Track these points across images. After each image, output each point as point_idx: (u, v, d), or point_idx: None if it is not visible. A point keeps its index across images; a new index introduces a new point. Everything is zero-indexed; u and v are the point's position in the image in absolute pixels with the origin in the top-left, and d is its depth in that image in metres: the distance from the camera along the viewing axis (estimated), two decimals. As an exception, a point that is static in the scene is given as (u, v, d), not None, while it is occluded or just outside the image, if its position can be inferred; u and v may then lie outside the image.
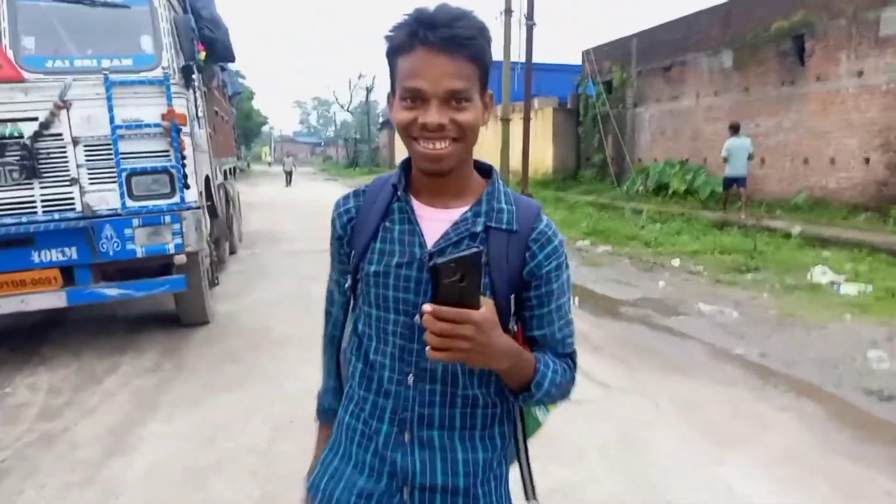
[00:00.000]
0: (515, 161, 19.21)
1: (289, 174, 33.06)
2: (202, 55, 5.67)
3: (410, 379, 1.19)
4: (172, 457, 3.57)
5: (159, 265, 5.50)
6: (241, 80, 14.02)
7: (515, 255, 1.16)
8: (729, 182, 12.01)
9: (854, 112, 11.15)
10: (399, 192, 1.21)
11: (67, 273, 5.09)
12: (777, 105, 12.90)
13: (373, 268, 1.19)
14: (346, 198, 1.31)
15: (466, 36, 1.08)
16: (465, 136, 1.11)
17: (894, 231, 9.73)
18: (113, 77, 4.92)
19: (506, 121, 18.34)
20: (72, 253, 5.02)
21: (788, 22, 12.44)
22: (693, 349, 5.31)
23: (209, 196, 6.43)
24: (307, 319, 6.23)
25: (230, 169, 10.94)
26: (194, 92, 5.92)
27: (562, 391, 1.20)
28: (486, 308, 1.00)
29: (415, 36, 1.08)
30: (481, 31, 1.11)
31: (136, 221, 5.08)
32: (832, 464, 3.33)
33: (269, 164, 62.28)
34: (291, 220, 15.92)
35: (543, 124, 21.48)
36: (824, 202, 11.79)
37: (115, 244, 5.05)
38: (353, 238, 1.25)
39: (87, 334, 5.97)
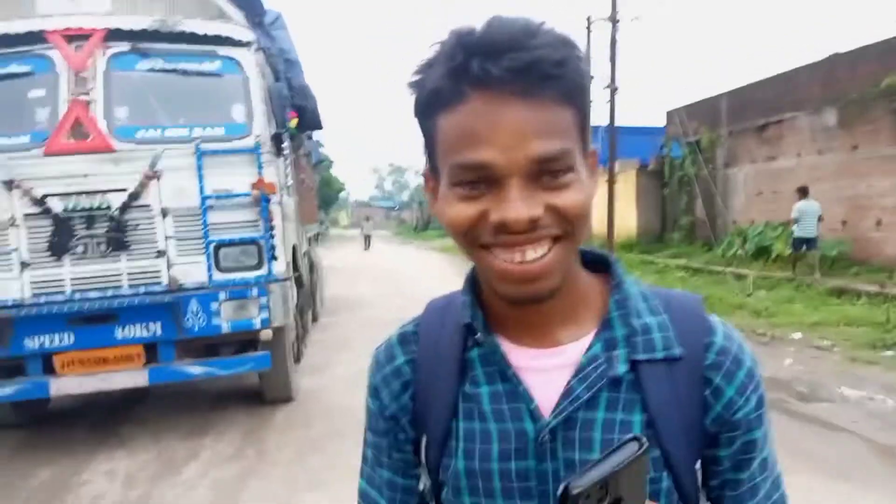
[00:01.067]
0: (598, 226, 18.60)
1: (367, 238, 32.53)
2: (293, 123, 5.50)
3: None
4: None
5: (244, 340, 5.18)
6: (320, 149, 14.20)
7: (688, 397, 0.72)
8: (799, 243, 11.96)
9: None
10: (479, 335, 0.76)
11: (150, 349, 4.82)
12: (892, 164, 11.84)
13: (462, 465, 0.75)
14: (388, 350, 0.84)
15: (553, 60, 0.63)
16: (574, 230, 0.67)
17: None
18: (204, 146, 4.74)
19: (588, 184, 17.88)
20: (156, 329, 4.76)
21: (901, 76, 11.53)
22: (852, 447, 4.46)
23: (295, 266, 6.15)
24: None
25: (314, 235, 10.84)
26: (284, 160, 5.72)
27: None
28: None
29: (463, 74, 0.64)
30: (571, 50, 0.66)
31: (222, 295, 4.80)
32: None
33: (346, 227, 63.74)
34: (368, 284, 15.72)
35: (626, 186, 20.84)
36: (957, 268, 10.55)
37: (201, 319, 4.76)
38: (418, 416, 0.80)
39: (168, 412, 5.68)
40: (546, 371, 0.74)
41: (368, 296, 13.40)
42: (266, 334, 4.95)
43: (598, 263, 0.80)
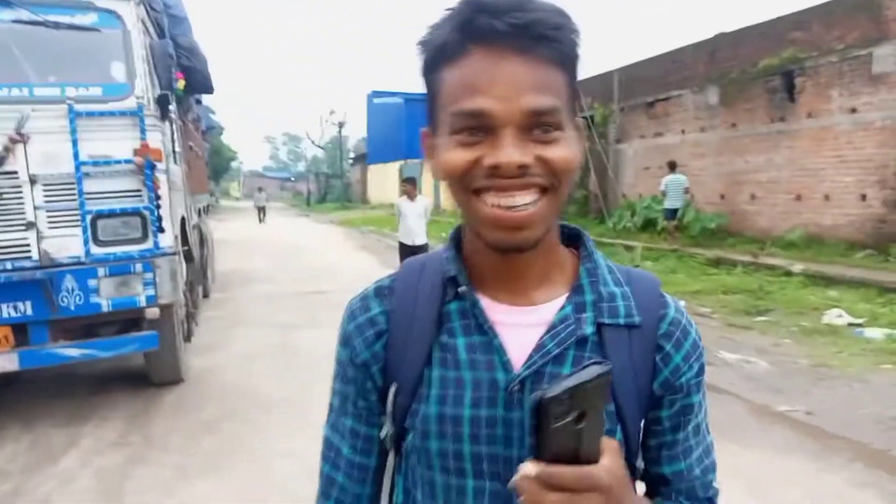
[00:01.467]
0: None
1: (261, 210, 30.73)
2: (181, 84, 5.10)
3: None
4: (144, 570, 2.88)
5: (127, 319, 4.82)
6: (211, 115, 13.43)
7: (642, 361, 0.80)
8: (670, 214, 13.35)
9: (848, 149, 10.98)
10: (461, 288, 0.81)
11: (21, 331, 4.39)
12: (767, 141, 12.73)
13: (434, 410, 0.79)
14: (363, 301, 0.87)
15: (551, 23, 0.70)
16: (560, 183, 0.72)
17: (898, 269, 9.44)
18: (78, 107, 4.31)
19: (487, 156, 18.07)
20: (26, 308, 4.34)
21: (777, 59, 12.34)
22: (732, 407, 4.77)
23: (185, 240, 5.78)
24: (292, 378, 5.58)
25: (204, 207, 10.28)
26: (171, 125, 5.32)
27: None
28: (610, 457, 0.64)
29: (469, 29, 0.70)
30: (567, 20, 0.72)
31: (101, 271, 4.42)
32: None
33: (237, 198, 61.38)
34: (264, 258, 15.21)
35: (523, 160, 21.25)
36: (819, 239, 11.53)
37: (78, 297, 4.38)
38: (390, 365, 0.83)
39: (42, 398, 5.22)
40: (519, 327, 0.79)
41: (265, 270, 12.95)
42: (152, 312, 4.63)
43: (570, 237, 0.87)
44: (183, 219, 5.69)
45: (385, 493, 0.88)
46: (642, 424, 0.81)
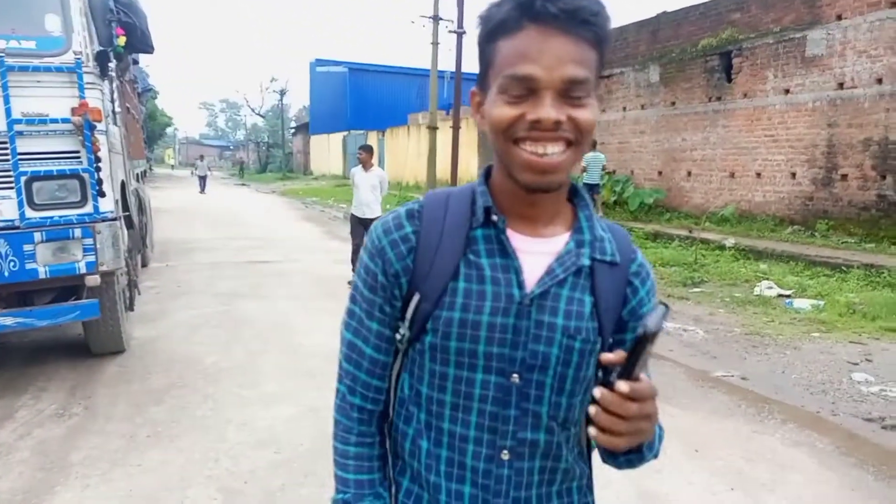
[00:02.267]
0: (441, 172, 18.85)
1: (202, 179, 28.35)
2: (121, 41, 4.85)
3: (505, 455, 0.97)
4: (94, 539, 2.81)
5: (65, 286, 4.63)
6: (146, 77, 12.83)
7: (617, 292, 1.00)
8: (588, 189, 13.43)
9: (780, 128, 11.44)
10: (494, 216, 0.97)
11: (-52, 298, 4.17)
12: (704, 120, 13.13)
13: (457, 315, 0.94)
14: (397, 220, 1.01)
15: (592, 11, 0.86)
16: (582, 140, 0.90)
17: (823, 244, 9.97)
18: (10, 61, 4.06)
19: (433, 129, 17.96)
20: (-46, 274, 4.10)
21: (716, 39, 12.68)
22: (671, 372, 4.98)
23: (125, 205, 5.56)
24: (238, 348, 5.50)
25: (142, 172, 9.90)
26: (110, 84, 5.08)
27: (656, 449, 1.04)
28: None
29: (526, 9, 0.86)
30: (604, 8, 0.89)
31: (38, 236, 4.22)
32: (874, 513, 3.02)
33: (173, 166, 59.19)
34: (204, 227, 14.81)
35: (468, 133, 21.24)
36: (751, 215, 12.04)
37: (12, 263, 4.17)
38: (416, 276, 0.97)
39: (-29, 369, 4.97)
40: (534, 254, 0.97)
41: (205, 240, 12.60)
42: (93, 280, 4.45)
43: (569, 191, 1.04)
44: (123, 183, 5.47)
45: (398, 391, 1.05)
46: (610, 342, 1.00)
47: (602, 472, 3.34)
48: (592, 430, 0.81)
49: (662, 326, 0.75)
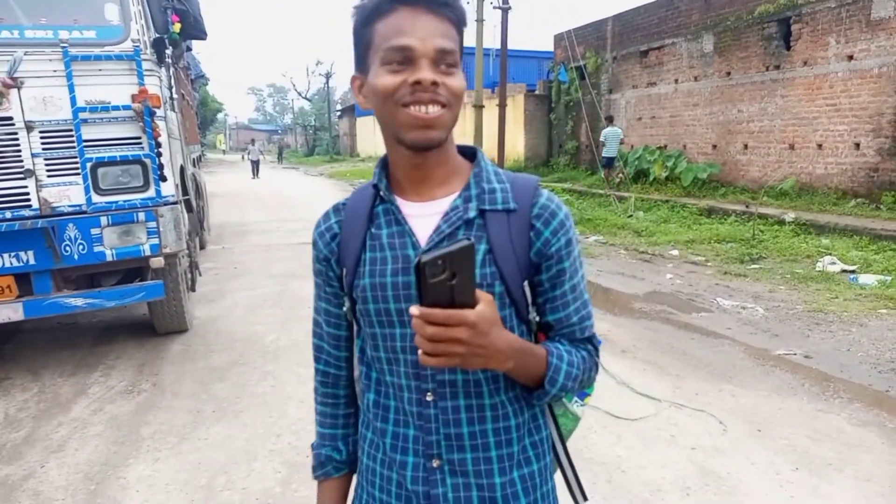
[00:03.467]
0: (488, 149, 18.72)
1: (255, 164, 27.58)
2: (176, 28, 4.94)
3: (429, 396, 1.07)
4: (167, 509, 2.94)
5: (131, 268, 4.80)
6: (198, 64, 13.08)
7: (519, 236, 1.06)
8: (608, 162, 15.06)
9: (843, 97, 10.93)
10: (382, 192, 1.10)
11: (24, 280, 4.36)
12: (761, 90, 12.65)
13: (367, 281, 1.07)
14: (325, 216, 1.19)
15: None
16: (454, 103, 1.01)
17: (889, 217, 9.54)
18: (73, 51, 4.18)
19: (479, 107, 17.82)
20: (28, 257, 4.29)
21: (774, 5, 12.16)
22: (731, 351, 4.87)
23: (184, 189, 5.71)
24: (296, 326, 5.61)
25: (197, 157, 10.14)
26: (167, 70, 5.20)
27: (582, 383, 1.10)
28: (484, 305, 0.89)
29: None
30: None
31: (104, 220, 4.38)
32: (950, 494, 2.90)
33: (224, 151, 60.42)
34: (256, 210, 15.12)
35: (514, 111, 21.02)
36: (811, 188, 11.60)
37: (81, 246, 4.34)
38: (341, 256, 1.13)
39: (46, 348, 5.23)
40: (424, 217, 1.06)
41: (258, 222, 12.88)
42: (157, 261, 4.60)
43: (470, 154, 1.14)
44: (182, 167, 5.61)
45: (356, 355, 1.21)
46: (526, 285, 1.06)
47: (663, 453, 3.33)
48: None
49: (442, 257, 0.82)
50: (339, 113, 56.58)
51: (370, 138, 41.28)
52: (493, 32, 17.65)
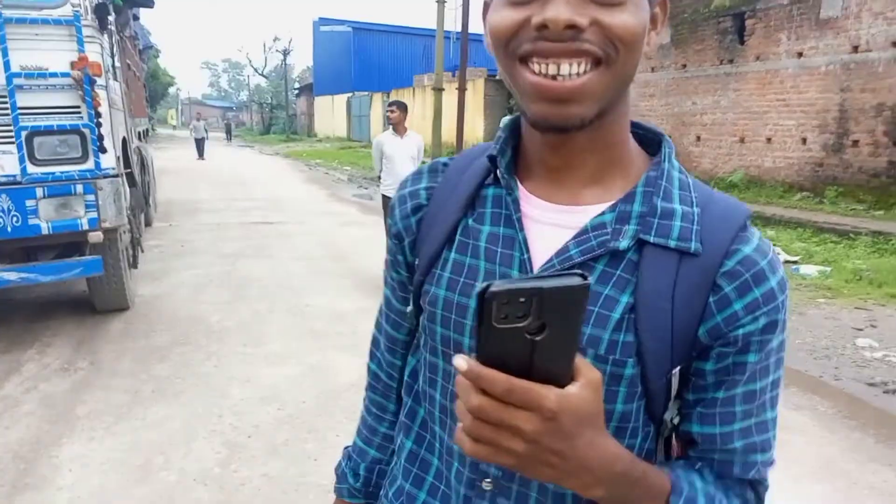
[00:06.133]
0: (447, 133, 18.68)
1: (200, 142, 24.69)
2: (120, -7, 4.76)
3: (487, 485, 0.71)
4: (99, 492, 2.84)
5: (69, 243, 4.62)
6: (147, 35, 12.64)
7: (691, 297, 0.65)
8: None
9: (792, 92, 11.24)
10: (500, 170, 0.73)
11: (-49, 253, 4.16)
12: (715, 83, 12.91)
13: (442, 293, 0.73)
14: (416, 175, 0.84)
15: None
16: (617, 55, 0.62)
17: (832, 211, 9.89)
18: (7, 13, 3.97)
19: (439, 90, 17.73)
20: (-43, 229, 4.09)
21: (729, 0, 12.40)
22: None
23: (126, 162, 5.51)
24: (243, 306, 5.51)
25: (143, 131, 9.82)
26: (109, 38, 4.99)
27: None
28: (581, 388, 0.52)
29: None
30: None
31: (40, 191, 4.19)
32: (874, 476, 3.02)
33: (175, 127, 58.83)
34: (208, 188, 14.76)
35: (474, 96, 21.01)
36: (760, 181, 11.93)
37: (14, 219, 4.15)
38: (418, 239, 0.80)
39: (-23, 325, 5.01)
40: (551, 226, 0.70)
41: (209, 200, 12.57)
42: (95, 236, 4.44)
43: (651, 143, 0.76)
44: (124, 140, 5.42)
45: (404, 380, 0.87)
46: (677, 371, 0.68)
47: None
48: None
49: (529, 293, 0.49)
50: (296, 91, 55.67)
51: (328, 118, 40.74)
52: (455, 14, 17.48)
